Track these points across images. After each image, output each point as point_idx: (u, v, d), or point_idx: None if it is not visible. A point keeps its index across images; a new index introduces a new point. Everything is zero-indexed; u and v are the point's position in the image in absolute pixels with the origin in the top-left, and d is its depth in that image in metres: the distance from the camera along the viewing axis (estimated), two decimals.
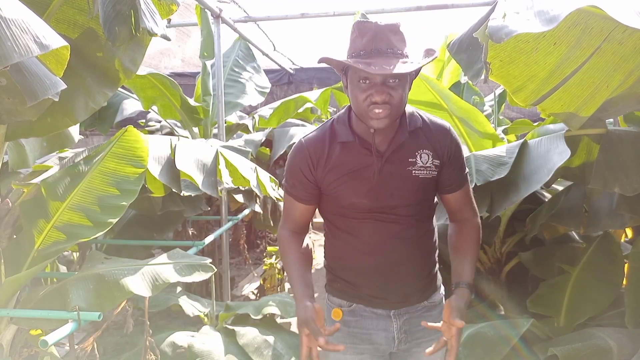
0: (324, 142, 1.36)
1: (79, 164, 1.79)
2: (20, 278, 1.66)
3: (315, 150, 1.35)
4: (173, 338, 2.19)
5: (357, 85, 1.22)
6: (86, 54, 1.76)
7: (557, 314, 2.16)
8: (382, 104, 1.19)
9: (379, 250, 1.35)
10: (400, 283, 1.38)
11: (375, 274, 1.37)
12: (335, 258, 1.45)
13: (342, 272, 1.43)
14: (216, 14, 3.63)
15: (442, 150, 1.37)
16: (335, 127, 1.36)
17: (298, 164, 1.37)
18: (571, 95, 1.58)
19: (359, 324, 1.41)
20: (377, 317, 1.40)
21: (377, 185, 1.32)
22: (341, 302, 1.43)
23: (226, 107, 3.92)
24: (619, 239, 2.57)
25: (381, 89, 1.19)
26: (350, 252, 1.39)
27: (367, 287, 1.40)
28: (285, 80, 7.43)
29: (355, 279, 1.40)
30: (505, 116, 5.94)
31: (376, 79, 1.19)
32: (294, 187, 1.39)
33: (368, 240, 1.35)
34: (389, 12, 3.79)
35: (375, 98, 1.19)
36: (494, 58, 1.38)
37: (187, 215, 3.24)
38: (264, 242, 6.33)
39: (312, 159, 1.34)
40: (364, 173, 1.32)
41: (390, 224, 1.34)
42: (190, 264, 1.78)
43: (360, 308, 1.41)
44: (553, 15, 1.16)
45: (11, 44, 1.01)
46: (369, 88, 1.20)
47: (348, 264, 1.40)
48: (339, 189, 1.34)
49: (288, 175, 1.41)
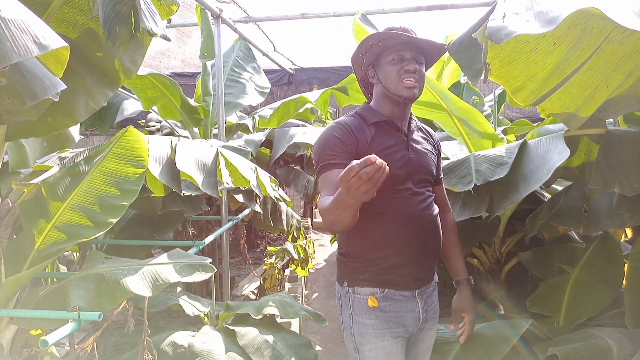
0: (359, 123, 1.50)
1: (79, 164, 1.79)
2: (20, 278, 1.66)
3: (355, 127, 1.47)
4: (173, 338, 2.19)
5: (390, 62, 1.46)
6: (86, 54, 1.76)
7: (556, 313, 2.17)
8: (413, 72, 1.43)
9: (412, 222, 1.47)
10: (428, 255, 1.53)
11: (410, 246, 1.47)
12: (367, 240, 1.48)
13: (375, 253, 1.47)
14: (216, 14, 3.64)
15: (436, 144, 1.67)
16: (362, 114, 1.53)
17: (339, 135, 1.44)
18: (571, 95, 1.58)
19: (393, 308, 1.48)
20: (406, 300, 1.50)
21: (410, 158, 1.50)
22: (372, 290, 1.48)
23: (226, 107, 3.92)
24: (619, 239, 2.57)
25: (412, 61, 1.44)
26: (386, 227, 1.46)
27: (400, 264, 1.47)
28: (285, 81, 7.43)
29: (389, 256, 1.46)
30: (505, 116, 5.94)
31: (407, 55, 1.44)
32: (336, 156, 1.41)
33: (403, 212, 1.46)
34: (389, 12, 3.79)
35: (409, 66, 1.43)
36: (493, 58, 1.38)
37: (188, 215, 3.24)
38: (264, 242, 6.34)
39: (354, 133, 1.46)
40: (397, 148, 1.49)
41: (420, 197, 1.50)
42: (191, 264, 1.78)
43: (391, 292, 1.48)
44: (553, 16, 1.16)
45: (10, 45, 1.01)
46: (401, 62, 1.44)
47: (382, 241, 1.46)
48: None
49: (327, 150, 1.43)
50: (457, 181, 2.03)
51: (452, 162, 2.19)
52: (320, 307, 4.43)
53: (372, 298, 1.47)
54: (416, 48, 1.46)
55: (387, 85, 1.48)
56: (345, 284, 1.53)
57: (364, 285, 1.49)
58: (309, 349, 2.30)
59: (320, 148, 1.46)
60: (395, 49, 1.46)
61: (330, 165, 1.40)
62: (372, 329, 1.47)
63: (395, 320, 1.48)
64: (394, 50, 1.46)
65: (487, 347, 1.92)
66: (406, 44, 1.45)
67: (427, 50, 1.50)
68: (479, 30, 1.32)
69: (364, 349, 1.48)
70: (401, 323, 1.49)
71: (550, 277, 2.32)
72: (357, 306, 1.49)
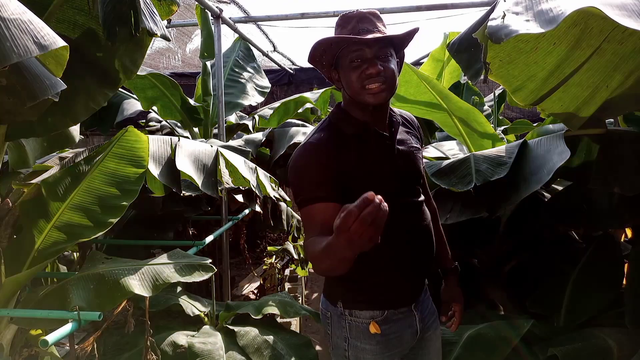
0: (336, 139, 1.30)
1: (80, 164, 1.79)
2: (20, 278, 1.66)
3: (334, 145, 1.28)
4: (173, 338, 2.19)
5: (349, 66, 1.25)
6: (86, 54, 1.76)
7: (556, 314, 2.16)
8: (377, 75, 1.22)
9: (408, 238, 1.37)
10: (424, 267, 1.45)
11: (407, 262, 1.39)
12: (364, 261, 1.29)
13: (373, 274, 1.35)
14: (216, 14, 3.64)
15: (417, 132, 1.51)
16: (337, 125, 1.34)
17: (318, 161, 1.25)
18: (571, 95, 1.58)
19: (393, 330, 1.39)
20: (404, 317, 1.42)
21: (398, 168, 1.36)
22: (373, 313, 1.37)
23: (226, 107, 3.92)
24: (619, 239, 2.57)
25: (374, 62, 1.23)
26: (382, 247, 1.29)
27: (399, 281, 1.39)
28: (285, 81, 7.43)
29: (387, 276, 1.37)
30: (505, 116, 5.94)
31: (367, 55, 1.23)
32: (319, 187, 1.23)
33: (398, 229, 1.28)
34: (388, 12, 3.79)
35: (370, 70, 1.22)
36: (493, 58, 1.38)
37: (188, 215, 3.24)
38: (264, 242, 6.33)
39: (335, 153, 1.27)
40: (384, 159, 1.34)
41: (412, 208, 1.40)
42: (191, 264, 1.78)
43: (391, 313, 1.38)
44: (552, 15, 1.16)
45: (10, 45, 1.01)
46: (361, 64, 1.23)
47: (380, 261, 1.31)
48: (367, 178, 1.28)
49: (306, 180, 1.26)
50: (457, 181, 2.03)
51: (452, 162, 2.19)
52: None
53: (374, 324, 1.36)
54: (379, 42, 1.24)
55: (350, 92, 1.29)
56: (339, 305, 1.39)
57: (364, 308, 1.37)
58: (309, 349, 2.30)
59: (297, 179, 1.27)
60: (352, 48, 1.24)
61: (312, 199, 1.22)
62: (372, 354, 1.36)
63: (395, 342, 1.40)
64: (352, 49, 1.24)
65: (488, 347, 1.92)
66: (366, 42, 1.23)
67: (395, 39, 1.28)
68: (479, 30, 1.32)
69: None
70: (400, 343, 1.42)
71: (550, 277, 2.32)
72: (355, 330, 1.37)
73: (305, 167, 1.27)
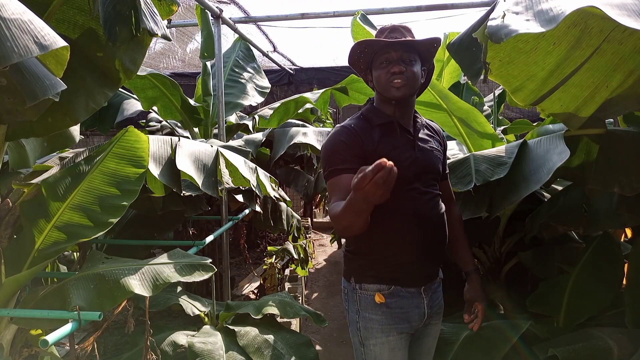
0: (365, 125, 1.52)
1: (80, 164, 1.79)
2: (20, 278, 1.66)
3: (361, 130, 1.50)
4: (173, 337, 2.19)
5: (380, 66, 1.51)
6: (87, 54, 1.76)
7: (556, 313, 2.17)
8: (399, 73, 1.46)
9: (420, 221, 1.50)
10: (434, 253, 1.57)
11: (417, 244, 1.51)
12: (375, 239, 1.50)
13: (383, 251, 1.51)
14: (216, 14, 3.64)
15: (442, 140, 1.70)
16: (367, 116, 1.56)
17: (346, 140, 1.47)
18: (570, 95, 1.58)
19: (399, 304, 1.52)
20: (412, 296, 1.54)
21: (417, 158, 1.53)
22: (380, 286, 1.52)
23: (226, 107, 3.92)
24: (619, 239, 2.57)
25: (398, 63, 1.48)
26: (394, 226, 1.49)
27: (407, 261, 1.51)
28: (286, 81, 7.44)
29: (396, 254, 1.50)
30: (504, 116, 5.94)
31: (393, 57, 1.48)
32: (345, 161, 1.44)
33: (411, 211, 1.49)
34: (389, 12, 3.78)
35: (393, 69, 1.47)
36: (493, 58, 1.38)
37: (188, 215, 3.24)
38: (264, 242, 6.33)
39: (361, 136, 1.48)
40: (404, 148, 1.52)
41: (427, 196, 1.54)
42: (191, 264, 1.78)
43: (398, 289, 1.52)
44: (552, 15, 1.16)
45: (10, 45, 1.01)
46: (389, 65, 1.49)
47: (391, 240, 1.49)
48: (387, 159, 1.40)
49: (335, 155, 1.47)
50: (457, 181, 2.03)
51: (452, 162, 2.19)
52: (320, 307, 4.43)
53: (379, 294, 1.51)
54: (404, 47, 1.49)
55: (379, 88, 1.54)
56: (352, 280, 1.57)
57: (371, 281, 1.53)
58: (309, 348, 2.30)
59: (328, 153, 1.50)
60: (382, 52, 1.50)
61: (339, 170, 1.44)
62: (378, 324, 1.51)
63: (401, 317, 1.52)
64: (382, 53, 1.51)
65: (487, 347, 1.92)
66: (392, 45, 1.48)
67: (419, 47, 1.52)
68: (479, 30, 1.32)
69: (369, 343, 1.53)
70: (407, 319, 1.53)
71: (550, 277, 2.32)
72: (364, 302, 1.53)
73: (333, 144, 1.49)
